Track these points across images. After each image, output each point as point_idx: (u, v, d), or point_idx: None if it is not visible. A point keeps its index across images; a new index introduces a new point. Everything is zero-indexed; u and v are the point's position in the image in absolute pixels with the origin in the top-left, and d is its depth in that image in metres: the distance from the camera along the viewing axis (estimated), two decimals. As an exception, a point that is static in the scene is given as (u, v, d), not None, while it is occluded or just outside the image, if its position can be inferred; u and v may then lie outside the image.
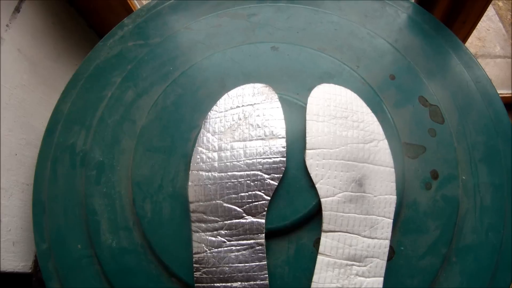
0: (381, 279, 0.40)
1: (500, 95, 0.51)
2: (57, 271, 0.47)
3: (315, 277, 0.39)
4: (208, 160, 0.42)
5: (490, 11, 0.94)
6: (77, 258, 0.46)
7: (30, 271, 0.55)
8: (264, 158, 0.41)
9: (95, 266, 0.46)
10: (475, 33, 0.91)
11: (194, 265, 0.40)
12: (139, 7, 0.69)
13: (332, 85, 0.46)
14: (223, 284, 0.40)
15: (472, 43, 0.90)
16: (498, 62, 0.87)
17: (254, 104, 0.44)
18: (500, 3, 0.96)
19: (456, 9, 0.66)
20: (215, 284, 0.40)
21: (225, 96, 0.45)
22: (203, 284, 0.40)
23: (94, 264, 0.46)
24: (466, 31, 0.72)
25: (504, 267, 0.44)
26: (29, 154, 0.58)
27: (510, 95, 0.83)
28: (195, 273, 0.40)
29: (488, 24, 0.92)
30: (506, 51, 0.90)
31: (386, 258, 0.41)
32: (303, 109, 0.44)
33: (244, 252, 0.40)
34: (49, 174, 0.50)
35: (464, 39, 0.73)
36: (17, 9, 0.56)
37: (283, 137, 0.42)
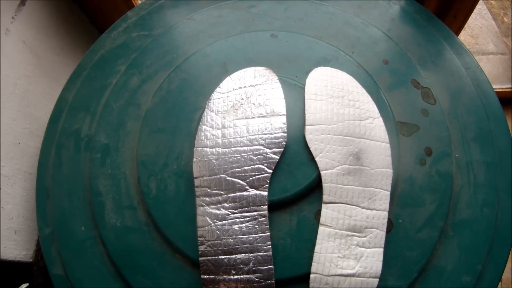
0: (381, 250, 0.44)
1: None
2: (60, 255, 0.50)
3: (317, 248, 0.43)
4: (212, 137, 0.46)
5: (482, 9, 1.01)
6: (81, 241, 0.49)
7: (31, 260, 0.58)
8: (265, 134, 0.45)
9: (99, 247, 0.49)
10: (468, 30, 0.99)
11: (199, 238, 0.44)
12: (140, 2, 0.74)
13: (328, 68, 0.51)
14: (228, 256, 0.43)
15: (465, 40, 0.97)
16: (491, 59, 0.93)
17: (256, 85, 0.48)
18: (493, 2, 1.04)
19: (447, 3, 0.73)
20: (219, 257, 0.43)
21: (227, 79, 0.50)
22: (208, 257, 0.43)
23: (98, 245, 0.49)
24: (458, 26, 0.79)
25: (501, 242, 0.48)
26: (32, 144, 0.62)
27: (503, 90, 0.90)
28: (199, 247, 0.44)
29: (481, 21, 0.99)
30: (499, 47, 0.96)
31: (385, 229, 0.44)
32: (302, 89, 0.49)
33: (247, 223, 0.43)
34: (54, 160, 0.54)
35: (456, 34, 0.79)
36: (22, 2, 0.61)
37: (284, 114, 0.46)
